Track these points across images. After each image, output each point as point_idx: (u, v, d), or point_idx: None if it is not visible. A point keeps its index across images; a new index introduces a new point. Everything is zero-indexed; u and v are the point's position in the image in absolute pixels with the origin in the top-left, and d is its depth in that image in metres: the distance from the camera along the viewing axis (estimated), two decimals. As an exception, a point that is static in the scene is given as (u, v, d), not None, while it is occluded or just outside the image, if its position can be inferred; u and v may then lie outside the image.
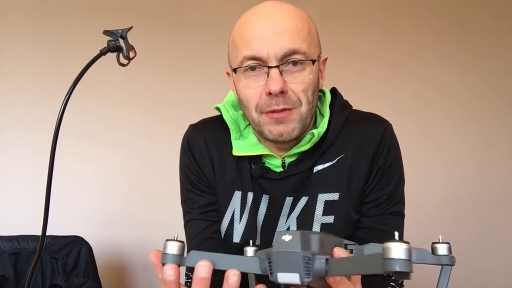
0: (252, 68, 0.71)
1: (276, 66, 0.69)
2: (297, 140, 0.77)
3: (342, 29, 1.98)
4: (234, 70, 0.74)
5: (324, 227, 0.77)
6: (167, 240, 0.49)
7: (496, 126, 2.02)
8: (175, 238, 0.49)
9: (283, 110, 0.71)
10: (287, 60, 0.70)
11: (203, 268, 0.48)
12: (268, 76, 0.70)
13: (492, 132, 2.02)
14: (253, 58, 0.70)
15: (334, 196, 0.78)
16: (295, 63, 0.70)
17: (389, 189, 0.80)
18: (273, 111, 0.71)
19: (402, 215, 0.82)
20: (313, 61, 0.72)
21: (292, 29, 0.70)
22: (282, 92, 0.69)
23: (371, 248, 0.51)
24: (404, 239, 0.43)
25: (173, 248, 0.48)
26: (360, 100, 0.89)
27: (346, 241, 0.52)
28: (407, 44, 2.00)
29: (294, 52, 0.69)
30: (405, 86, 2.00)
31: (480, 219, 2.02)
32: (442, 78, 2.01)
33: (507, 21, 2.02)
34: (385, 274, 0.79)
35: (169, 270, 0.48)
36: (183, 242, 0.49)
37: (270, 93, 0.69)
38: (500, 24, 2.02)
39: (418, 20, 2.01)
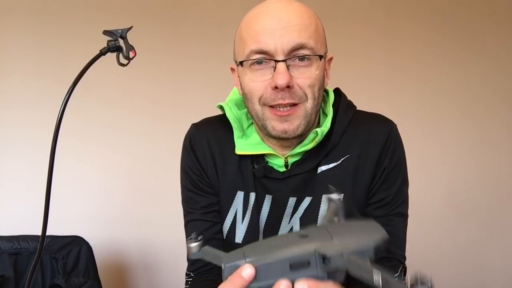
0: (259, 62, 0.71)
1: (283, 60, 0.69)
2: (300, 138, 0.76)
3: (342, 30, 1.98)
4: (241, 63, 0.73)
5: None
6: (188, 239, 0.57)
7: (496, 127, 2.02)
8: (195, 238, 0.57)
9: (289, 105, 0.71)
10: (294, 54, 0.69)
11: (251, 269, 0.50)
12: (274, 70, 0.69)
13: (492, 133, 2.02)
14: (260, 51, 0.70)
15: (339, 197, 0.78)
16: (302, 58, 0.70)
17: (394, 190, 0.79)
18: (278, 106, 0.71)
19: (406, 216, 0.82)
20: (320, 57, 0.72)
21: (299, 24, 0.70)
22: (288, 86, 0.69)
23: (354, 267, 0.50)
24: (406, 240, 0.43)
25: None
26: (360, 101, 0.89)
27: (328, 253, 0.50)
28: (407, 45, 2.00)
29: (301, 46, 0.69)
30: (405, 86, 2.00)
31: (480, 219, 2.02)
32: (442, 79, 2.01)
33: (507, 21, 2.02)
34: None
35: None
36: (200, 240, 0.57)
37: (276, 87, 0.69)
38: (500, 24, 2.02)
39: (418, 21, 2.01)
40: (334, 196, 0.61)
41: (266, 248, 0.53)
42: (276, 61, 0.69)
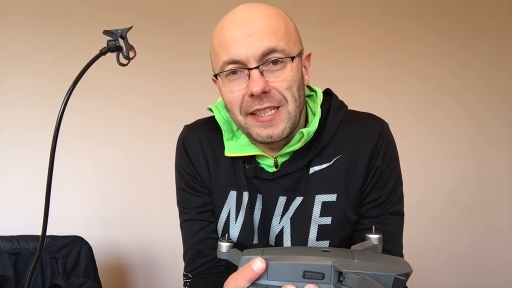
0: (233, 72, 0.71)
1: (256, 67, 0.69)
2: (287, 139, 0.77)
3: (342, 29, 1.98)
4: (216, 76, 0.74)
5: (322, 228, 0.77)
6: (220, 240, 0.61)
7: (497, 126, 2.02)
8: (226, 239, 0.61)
9: (268, 108, 0.71)
10: (267, 59, 0.69)
11: (262, 263, 0.53)
12: (249, 78, 0.69)
13: (492, 132, 2.02)
14: (233, 61, 0.70)
15: (332, 197, 0.78)
16: (275, 62, 0.70)
17: (388, 189, 0.79)
18: (259, 112, 0.71)
19: (401, 214, 0.82)
20: (293, 58, 0.71)
21: (267, 28, 0.69)
22: (265, 92, 0.69)
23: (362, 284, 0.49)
24: (404, 239, 0.43)
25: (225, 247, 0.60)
26: (360, 99, 0.89)
27: (344, 269, 0.49)
28: (408, 44, 2.01)
29: (272, 50, 0.69)
30: (405, 85, 2.00)
31: (480, 219, 2.02)
32: (442, 78, 2.01)
33: (507, 21, 2.02)
34: None
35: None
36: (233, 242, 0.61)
37: (252, 95, 0.69)
38: (500, 24, 2.02)
39: (419, 20, 2.01)
40: (374, 236, 0.61)
41: (285, 252, 0.55)
42: (249, 69, 0.69)
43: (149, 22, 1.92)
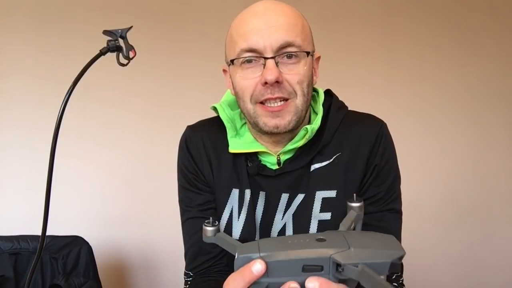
0: (249, 61, 0.74)
1: (272, 57, 0.72)
2: (291, 135, 0.79)
3: (342, 29, 1.98)
4: (232, 61, 0.76)
5: (322, 223, 0.78)
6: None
7: (496, 126, 2.02)
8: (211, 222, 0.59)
9: (278, 99, 0.73)
10: (283, 52, 0.72)
11: (262, 265, 0.51)
12: (264, 67, 0.72)
13: (492, 132, 2.02)
14: (250, 50, 0.73)
15: (332, 193, 0.79)
16: (290, 56, 0.73)
17: (386, 186, 0.81)
18: (269, 101, 0.73)
19: (399, 212, 0.83)
20: (308, 53, 0.74)
21: (286, 24, 0.73)
22: (277, 82, 0.72)
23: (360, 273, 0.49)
24: (402, 238, 0.43)
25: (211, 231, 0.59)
26: (360, 99, 0.89)
27: (342, 261, 0.50)
28: (407, 44, 2.01)
29: (289, 44, 0.72)
30: (405, 85, 2.01)
31: (480, 219, 2.02)
32: (442, 78, 2.01)
33: (507, 21, 2.02)
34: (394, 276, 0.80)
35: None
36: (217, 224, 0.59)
37: (266, 83, 0.72)
38: (500, 24, 2.02)
39: (418, 20, 2.01)
40: (355, 204, 0.61)
41: (282, 245, 0.53)
42: (266, 58, 0.72)
43: (149, 22, 1.92)
